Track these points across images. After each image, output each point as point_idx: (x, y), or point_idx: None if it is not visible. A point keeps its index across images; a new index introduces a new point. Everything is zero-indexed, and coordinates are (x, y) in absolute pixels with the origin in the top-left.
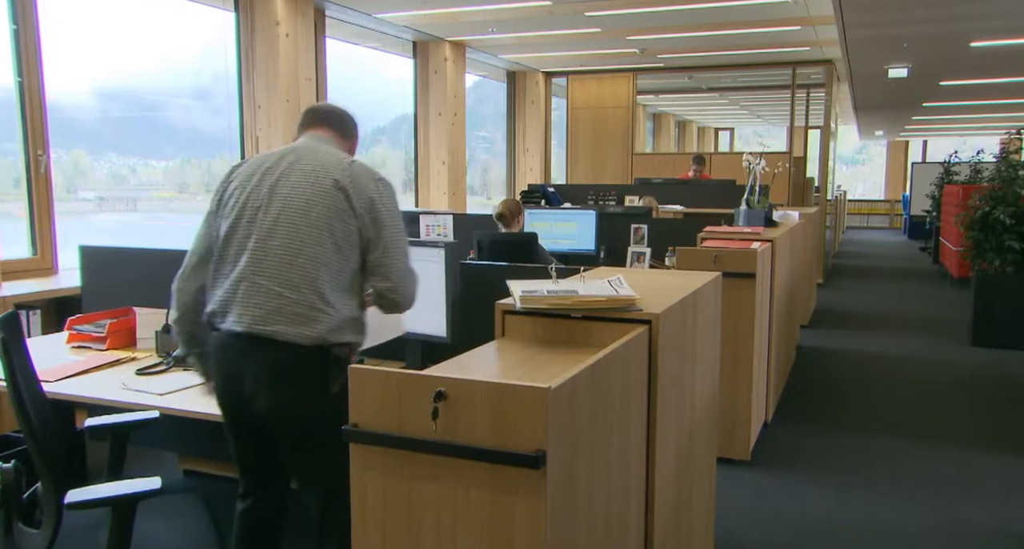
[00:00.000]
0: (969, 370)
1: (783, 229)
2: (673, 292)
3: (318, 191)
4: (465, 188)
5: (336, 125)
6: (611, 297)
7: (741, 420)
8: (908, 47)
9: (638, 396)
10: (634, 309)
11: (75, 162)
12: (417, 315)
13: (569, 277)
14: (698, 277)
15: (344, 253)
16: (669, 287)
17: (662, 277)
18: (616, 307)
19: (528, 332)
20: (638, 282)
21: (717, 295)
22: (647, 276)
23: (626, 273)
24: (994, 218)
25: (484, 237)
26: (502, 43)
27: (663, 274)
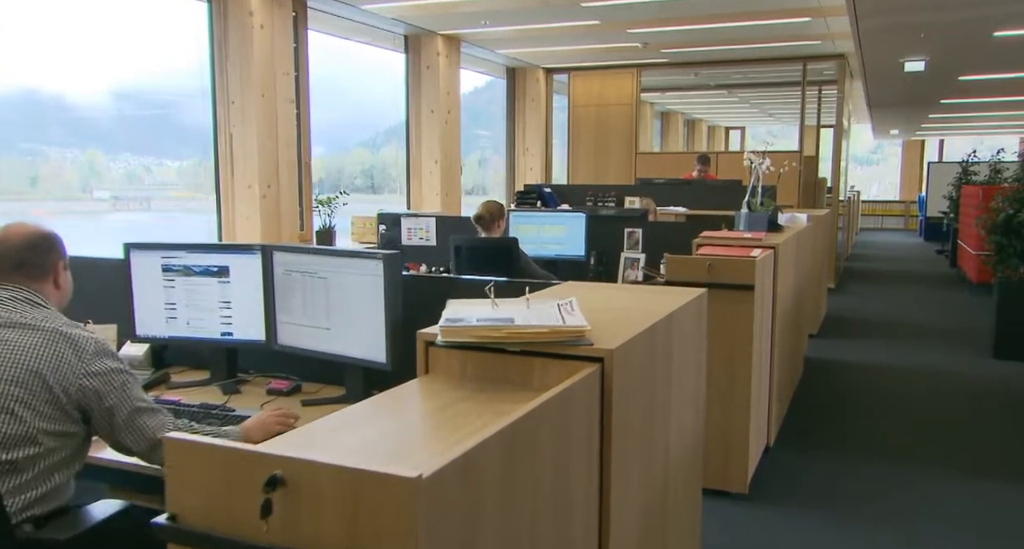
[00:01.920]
0: (991, 386)
1: (788, 234)
2: (639, 318)
3: None
4: (459, 189)
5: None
6: (555, 328)
7: (738, 448)
8: (925, 38)
9: (584, 451)
10: (583, 343)
11: (90, 162)
12: (352, 337)
13: (518, 297)
14: (677, 295)
15: None
16: (636, 311)
17: (633, 296)
18: (560, 340)
19: (456, 368)
20: (600, 305)
21: (701, 314)
22: (614, 297)
23: (590, 292)
24: (1019, 221)
25: (462, 242)
26: (498, 37)
27: (636, 292)
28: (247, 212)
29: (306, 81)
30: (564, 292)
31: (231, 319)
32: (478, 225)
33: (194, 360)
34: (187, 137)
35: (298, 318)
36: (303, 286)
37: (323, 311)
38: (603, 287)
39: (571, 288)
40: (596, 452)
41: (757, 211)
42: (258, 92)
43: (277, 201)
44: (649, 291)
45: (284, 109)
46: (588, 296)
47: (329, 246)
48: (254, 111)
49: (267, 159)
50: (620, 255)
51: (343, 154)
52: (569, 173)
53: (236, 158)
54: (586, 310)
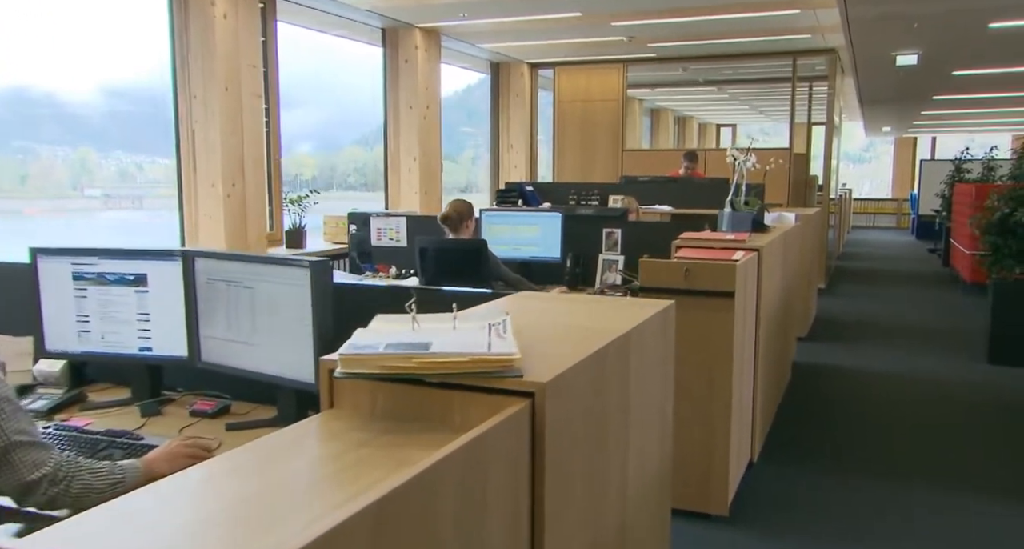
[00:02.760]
0: (987, 393)
1: (774, 235)
2: (589, 339)
3: None
4: (440, 187)
5: None
6: (477, 357)
7: (717, 466)
8: (918, 29)
9: (509, 501)
10: (511, 374)
11: (82, 159)
12: (279, 355)
13: (446, 314)
14: (639, 308)
15: None
16: (587, 330)
17: (588, 310)
18: (483, 371)
19: (366, 402)
20: (547, 322)
21: (668, 327)
22: (565, 311)
23: (540, 305)
24: (1014, 220)
25: (428, 244)
26: (478, 30)
27: (592, 305)
28: (210, 212)
29: (275, 75)
30: (512, 305)
31: (150, 333)
32: (445, 226)
33: (118, 376)
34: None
35: (222, 332)
36: (227, 297)
37: (248, 325)
38: (556, 299)
39: (520, 301)
40: (526, 499)
41: (741, 211)
42: (221, 86)
43: (243, 200)
44: (608, 304)
45: (250, 104)
46: (536, 310)
47: (299, 247)
48: (217, 106)
49: (232, 156)
50: (598, 257)
51: (336, 152)
52: (555, 171)
53: (199, 155)
54: (528, 330)
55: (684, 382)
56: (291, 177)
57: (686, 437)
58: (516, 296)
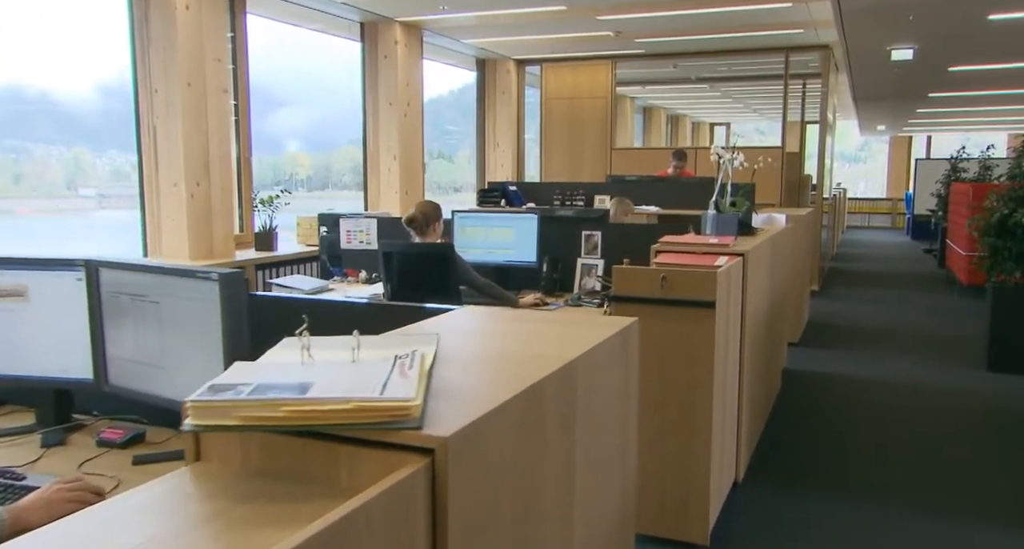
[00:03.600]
0: (988, 404)
1: (762, 238)
2: (522, 371)
3: None
4: (422, 187)
5: None
6: (363, 403)
7: (697, 491)
8: (914, 21)
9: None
10: (406, 426)
11: (76, 159)
12: (190, 380)
13: (353, 338)
14: (593, 328)
15: None
16: (522, 359)
17: (533, 332)
18: (369, 422)
19: (236, 456)
20: (477, 350)
21: (629, 347)
22: (506, 333)
23: (480, 326)
24: (1014, 222)
25: (393, 249)
26: (462, 24)
27: (540, 326)
28: (173, 213)
29: (245, 71)
30: (448, 325)
31: (52, 352)
32: (411, 229)
33: (29, 399)
34: None
35: (130, 352)
36: (134, 312)
37: (156, 345)
38: (501, 317)
39: (459, 319)
40: None
41: (726, 212)
42: (184, 80)
43: (208, 201)
44: (560, 323)
45: (216, 100)
46: (473, 332)
47: (269, 250)
48: (180, 101)
49: (195, 155)
50: (577, 261)
51: (332, 151)
52: (542, 170)
53: (160, 153)
54: (455, 359)
55: (660, 399)
56: (286, 176)
57: (662, 459)
58: (459, 312)
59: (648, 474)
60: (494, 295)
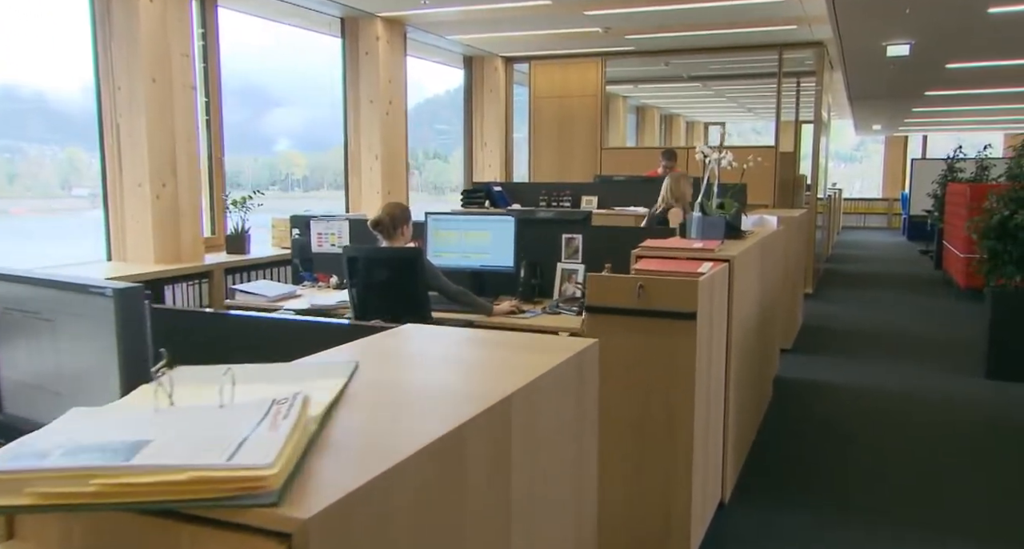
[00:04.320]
0: (988, 414)
1: (750, 242)
2: (440, 414)
3: None
4: (405, 187)
5: None
6: (204, 472)
7: (678, 515)
8: (911, 15)
9: None
10: (257, 502)
11: (70, 159)
12: (79, 403)
13: (222, 382)
14: (543, 354)
15: None
16: (449, 395)
17: (474, 358)
18: (209, 498)
19: (55, 536)
20: (398, 379)
21: (587, 372)
22: (440, 359)
23: (417, 347)
24: (1015, 224)
25: (358, 253)
26: (446, 20)
27: (483, 349)
28: (137, 215)
29: (216, 67)
30: (378, 347)
31: None
32: (377, 232)
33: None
34: None
35: (26, 376)
36: (27, 331)
37: (52, 368)
38: (444, 341)
39: (392, 340)
40: None
41: (713, 215)
42: (147, 76)
43: (175, 202)
44: (507, 347)
45: (182, 96)
46: (402, 357)
47: (241, 253)
48: (143, 98)
49: (161, 154)
50: (556, 266)
51: (327, 151)
52: (530, 170)
53: (124, 152)
54: (363, 397)
55: (638, 417)
56: (281, 176)
57: (640, 482)
58: (397, 332)
59: (625, 499)
60: (466, 302)
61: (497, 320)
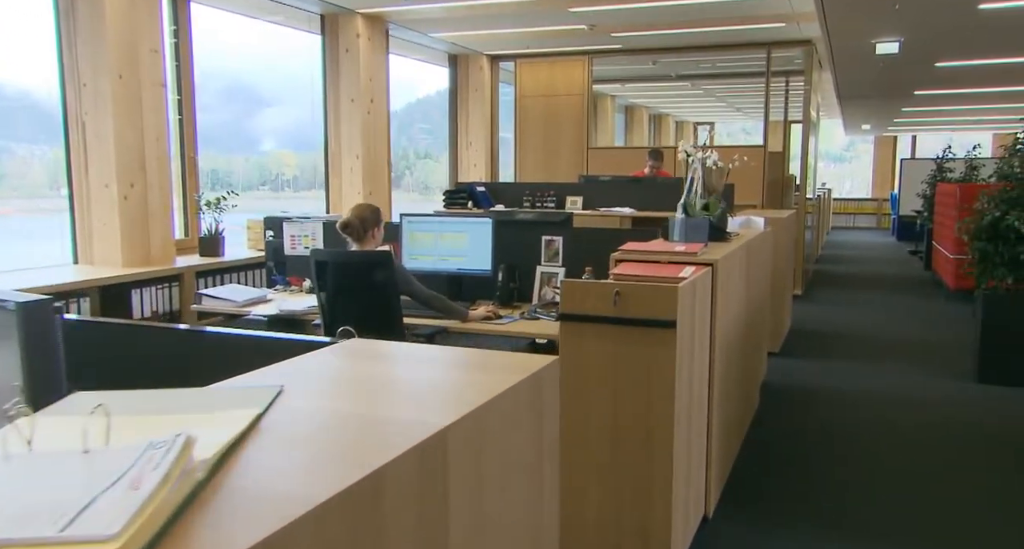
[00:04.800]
0: (979, 419)
1: (735, 245)
2: (359, 454)
3: None
4: (388, 187)
5: None
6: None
7: (658, 532)
8: (900, 12)
9: None
10: None
11: (57, 159)
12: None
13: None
14: (493, 377)
15: None
16: (377, 428)
17: (414, 380)
18: None
19: None
20: (322, 409)
21: (545, 394)
22: (377, 381)
23: (350, 369)
24: (1006, 225)
25: (327, 257)
26: (429, 17)
27: (428, 369)
28: (105, 217)
29: (190, 64)
30: (305, 369)
31: None
32: (347, 235)
33: None
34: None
35: None
36: None
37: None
38: (391, 359)
39: (332, 358)
40: None
41: (696, 216)
42: (114, 72)
43: (144, 203)
44: (457, 367)
45: (151, 94)
46: (336, 381)
47: (215, 256)
48: (110, 95)
49: (129, 153)
50: (536, 269)
51: (318, 151)
52: (516, 170)
53: (91, 151)
54: (278, 431)
55: (614, 431)
56: (272, 176)
57: (618, 498)
58: (337, 348)
59: (600, 516)
60: (440, 307)
61: (472, 326)
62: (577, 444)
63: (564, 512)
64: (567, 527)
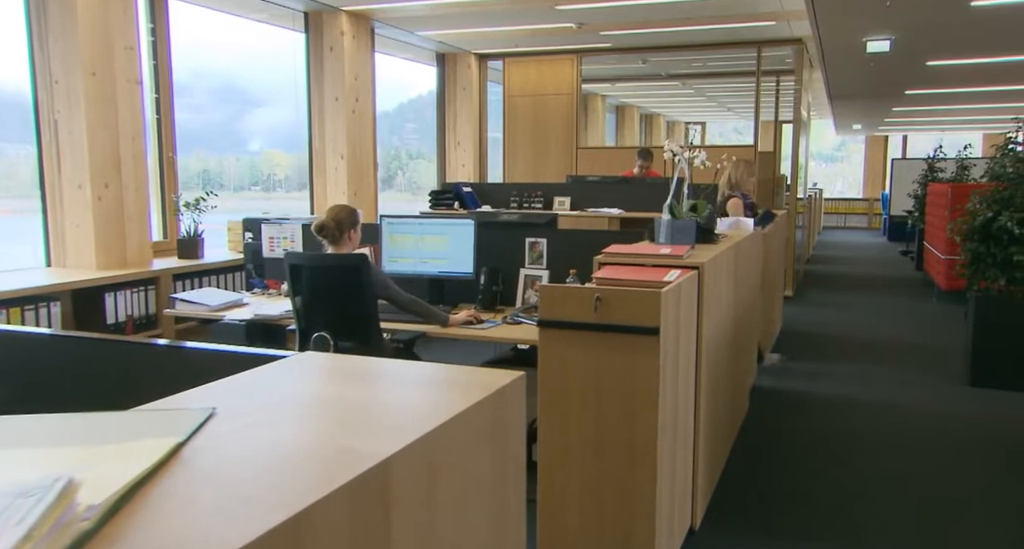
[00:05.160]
0: (973, 425)
1: (723, 247)
2: (298, 487)
3: None
4: (374, 187)
5: None
6: None
7: (641, 546)
8: (892, 9)
9: None
10: None
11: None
12: None
13: None
14: (451, 396)
15: None
16: (311, 461)
17: (365, 402)
18: None
19: None
20: (246, 439)
21: (508, 414)
22: (325, 403)
23: (292, 389)
24: (998, 226)
25: (299, 260)
26: (415, 14)
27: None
28: (78, 219)
29: (168, 61)
30: (254, 384)
31: None
32: (322, 238)
33: None
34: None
35: None
36: None
37: None
38: (341, 376)
39: (277, 374)
40: None
41: (683, 218)
42: (87, 70)
43: (119, 204)
44: (411, 384)
45: (126, 92)
46: (273, 404)
47: (194, 258)
48: (83, 93)
49: (103, 153)
50: (519, 271)
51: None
52: (505, 170)
53: (63, 151)
54: (197, 465)
55: (596, 442)
56: (264, 176)
57: (600, 512)
58: (289, 362)
59: (582, 529)
60: (419, 312)
61: (453, 331)
62: (557, 455)
63: (544, 526)
64: (547, 542)
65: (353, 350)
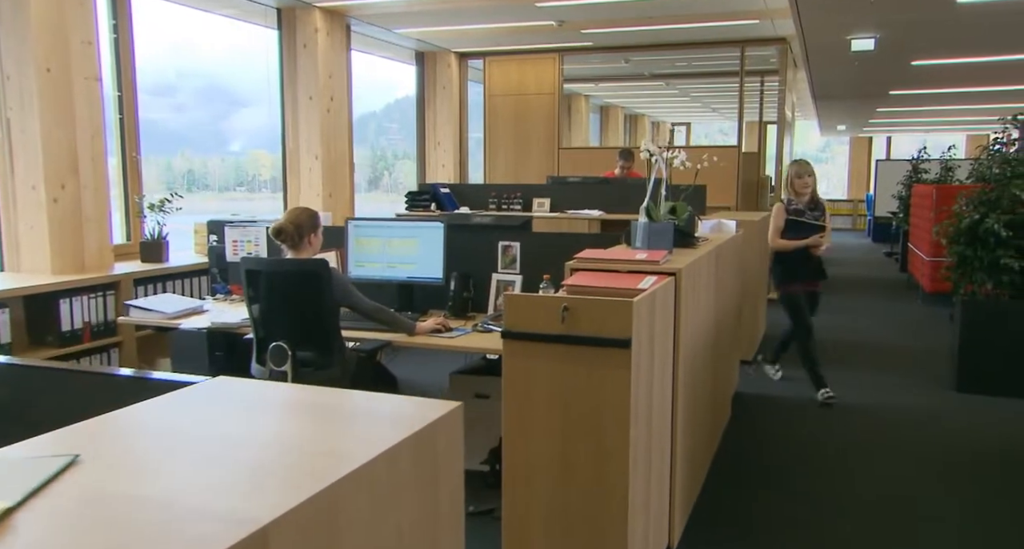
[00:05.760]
0: (960, 431)
1: (703, 250)
2: None
3: None
4: (350, 188)
5: None
6: None
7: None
8: (876, 6)
9: None
10: None
11: None
12: None
13: None
14: (378, 430)
15: None
16: (187, 522)
17: (264, 440)
18: None
19: None
20: (116, 496)
21: (443, 449)
22: (217, 442)
23: (180, 423)
24: (986, 228)
25: (256, 266)
26: (392, 11)
27: (298, 418)
28: (33, 221)
29: (131, 58)
30: (139, 421)
31: None
32: (280, 242)
33: None
34: (150, 133)
35: None
36: None
37: None
38: (244, 407)
39: (173, 406)
40: None
41: (661, 221)
42: (41, 65)
43: (77, 206)
44: (327, 415)
45: (83, 89)
46: (157, 437)
47: (157, 262)
48: (36, 90)
49: (58, 152)
50: (492, 277)
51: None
52: (485, 171)
53: (16, 150)
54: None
55: (563, 462)
56: (249, 177)
57: (568, 537)
58: (194, 390)
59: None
60: (384, 320)
61: (420, 340)
62: (521, 476)
63: (509, 547)
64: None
65: (313, 360)
